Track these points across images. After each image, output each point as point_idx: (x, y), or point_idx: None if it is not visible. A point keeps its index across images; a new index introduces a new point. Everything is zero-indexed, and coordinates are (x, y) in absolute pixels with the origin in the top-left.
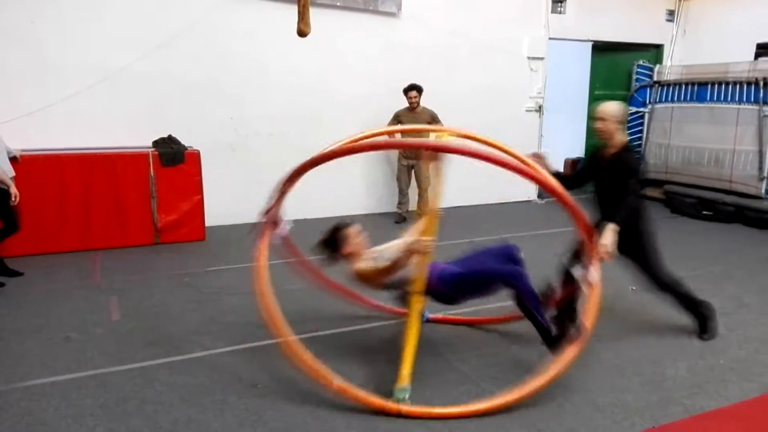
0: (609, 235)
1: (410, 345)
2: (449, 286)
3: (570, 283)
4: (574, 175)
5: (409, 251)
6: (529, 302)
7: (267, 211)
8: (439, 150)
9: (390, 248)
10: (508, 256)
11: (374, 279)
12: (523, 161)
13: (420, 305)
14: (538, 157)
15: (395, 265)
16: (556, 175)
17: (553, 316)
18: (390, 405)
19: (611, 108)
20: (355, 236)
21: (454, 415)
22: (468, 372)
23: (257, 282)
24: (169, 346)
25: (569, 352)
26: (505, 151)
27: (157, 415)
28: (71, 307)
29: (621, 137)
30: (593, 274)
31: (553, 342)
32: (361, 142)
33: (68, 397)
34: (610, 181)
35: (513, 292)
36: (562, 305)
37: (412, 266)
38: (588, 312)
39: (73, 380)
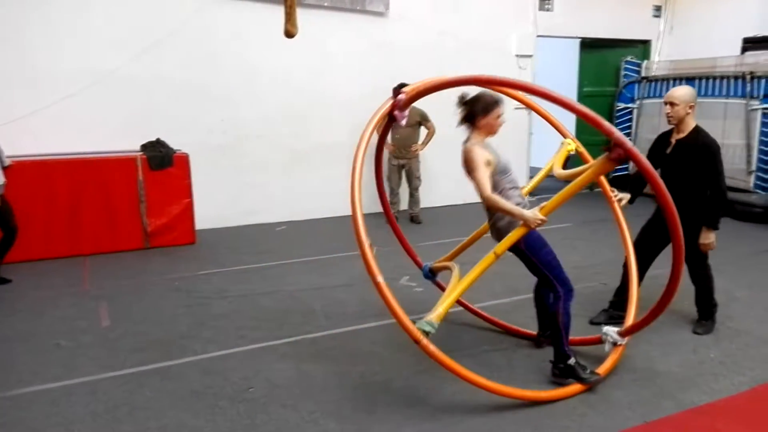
0: (709, 235)
1: (468, 279)
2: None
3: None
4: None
5: (516, 215)
6: (560, 319)
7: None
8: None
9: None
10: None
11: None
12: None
13: (494, 256)
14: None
15: (494, 205)
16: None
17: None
18: (414, 331)
19: (682, 92)
20: (497, 108)
21: (462, 375)
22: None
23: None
24: (159, 351)
25: (578, 388)
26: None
27: (148, 422)
28: (60, 313)
29: (691, 122)
30: (621, 339)
31: (564, 371)
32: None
33: (58, 405)
34: (679, 168)
35: (552, 301)
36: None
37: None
38: (606, 364)
39: (63, 387)
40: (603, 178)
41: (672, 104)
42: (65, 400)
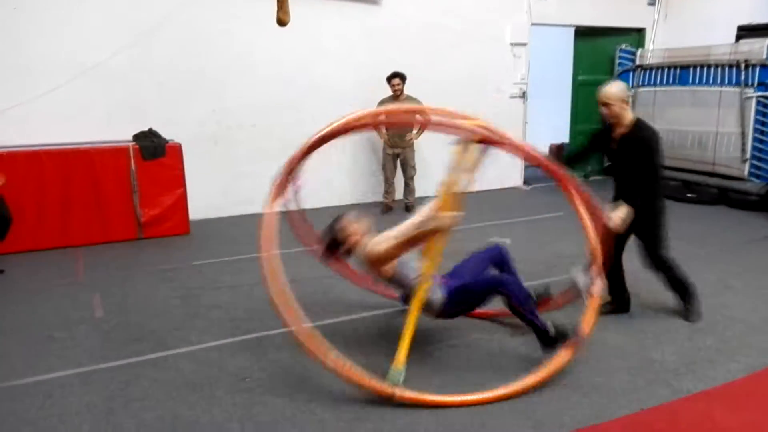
0: (623, 211)
1: (408, 330)
2: (450, 305)
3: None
4: (576, 154)
5: (430, 229)
6: (521, 306)
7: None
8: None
9: (405, 225)
10: (496, 259)
11: (386, 259)
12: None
13: (422, 298)
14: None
15: (412, 239)
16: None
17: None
18: (384, 388)
19: (613, 90)
20: (352, 224)
21: (446, 404)
22: (450, 361)
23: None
24: (154, 342)
25: (566, 355)
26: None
27: (143, 412)
28: (54, 304)
29: (629, 116)
30: (596, 285)
31: (550, 342)
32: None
33: (52, 397)
34: (625, 162)
35: (507, 303)
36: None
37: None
38: (587, 319)
39: (57, 379)
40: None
41: (606, 104)
42: (59, 392)
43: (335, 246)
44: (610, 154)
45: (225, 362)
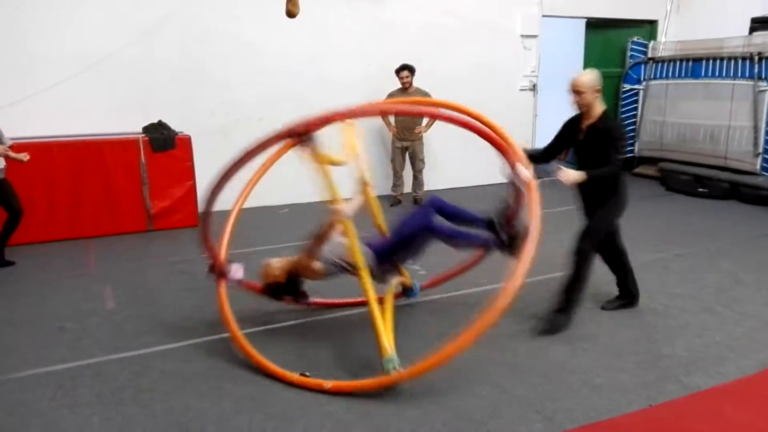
0: (576, 174)
1: (376, 318)
2: (385, 257)
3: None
4: (545, 149)
5: (328, 223)
6: (456, 237)
7: (211, 267)
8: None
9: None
10: (437, 209)
11: (307, 265)
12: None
13: (369, 281)
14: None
15: (318, 238)
16: (530, 155)
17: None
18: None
19: (586, 79)
20: (270, 269)
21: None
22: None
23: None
24: (164, 333)
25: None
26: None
27: (153, 404)
28: (65, 296)
29: (599, 107)
30: (522, 171)
31: (507, 246)
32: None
33: (63, 387)
34: (591, 152)
35: (440, 238)
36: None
37: (344, 246)
38: (532, 211)
39: (67, 370)
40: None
41: (578, 92)
42: (70, 383)
43: (278, 290)
44: (577, 145)
45: (234, 354)
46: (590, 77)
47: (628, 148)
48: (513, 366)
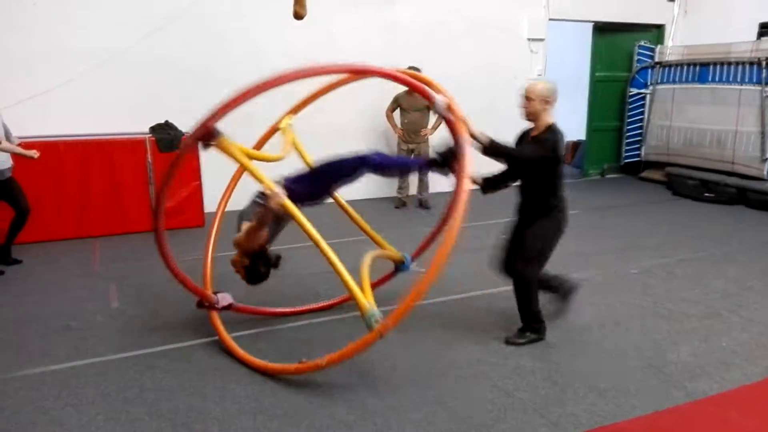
0: (483, 135)
1: (340, 270)
2: (306, 183)
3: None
4: (503, 173)
5: (264, 206)
6: (390, 167)
7: (199, 303)
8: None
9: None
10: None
11: (252, 240)
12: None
13: (302, 219)
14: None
15: (259, 222)
16: (487, 179)
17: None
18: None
19: (539, 87)
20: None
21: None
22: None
23: None
24: (168, 333)
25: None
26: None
27: (157, 403)
28: (70, 295)
29: (546, 119)
30: (438, 98)
31: (441, 165)
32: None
33: (68, 386)
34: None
35: (373, 167)
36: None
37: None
38: (457, 124)
39: (73, 368)
40: None
41: (528, 98)
42: (75, 381)
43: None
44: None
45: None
46: (544, 86)
47: (635, 152)
48: (517, 370)
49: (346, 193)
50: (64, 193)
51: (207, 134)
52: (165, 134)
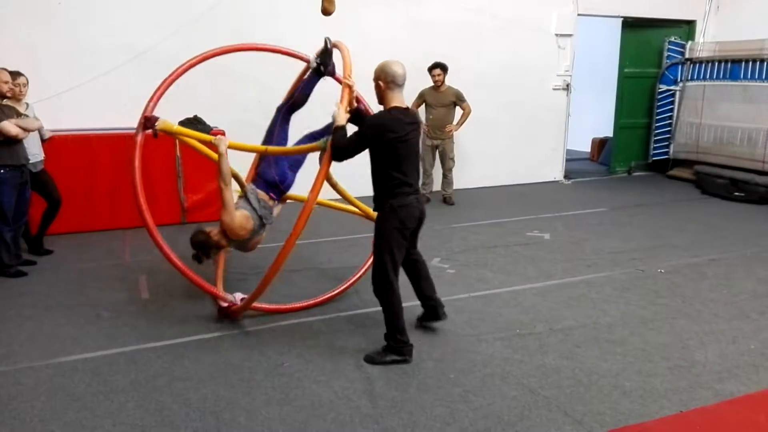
0: (343, 115)
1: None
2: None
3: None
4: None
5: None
6: (297, 98)
7: (220, 311)
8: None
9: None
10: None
11: (227, 211)
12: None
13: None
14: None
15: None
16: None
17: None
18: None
19: (378, 66)
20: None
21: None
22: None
23: None
24: (197, 324)
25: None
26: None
27: (186, 392)
28: (101, 285)
29: (389, 101)
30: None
31: (323, 68)
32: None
33: (100, 374)
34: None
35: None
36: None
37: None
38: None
39: (104, 357)
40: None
41: (374, 78)
42: (107, 369)
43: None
44: None
45: (264, 346)
46: (380, 65)
47: (663, 150)
48: (542, 368)
49: (369, 188)
50: (95, 186)
51: (147, 121)
52: (194, 128)
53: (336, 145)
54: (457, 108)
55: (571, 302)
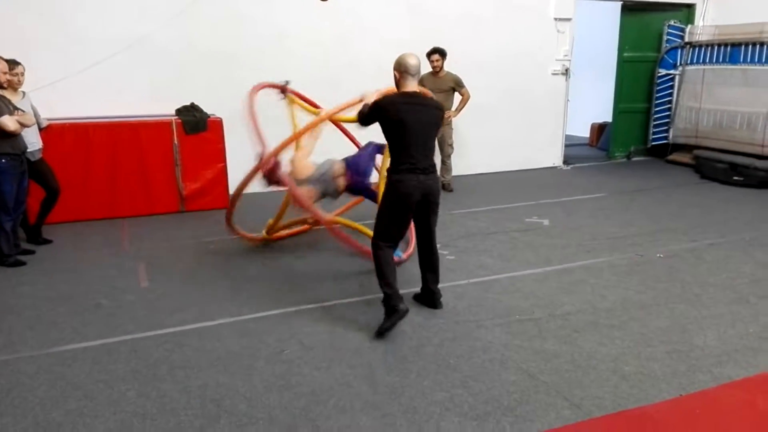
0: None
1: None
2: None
3: None
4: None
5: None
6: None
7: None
8: None
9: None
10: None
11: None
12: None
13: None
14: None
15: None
16: None
17: None
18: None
19: (396, 59)
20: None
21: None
22: None
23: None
24: (196, 312)
25: None
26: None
27: (187, 380)
28: (101, 274)
29: (402, 88)
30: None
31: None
32: None
33: (100, 362)
34: None
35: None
36: None
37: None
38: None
39: (104, 345)
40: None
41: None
42: (107, 358)
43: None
44: None
45: (265, 334)
46: (396, 59)
47: (662, 135)
48: (541, 353)
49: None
50: (93, 174)
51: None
52: (191, 116)
53: (358, 114)
54: (456, 94)
55: (570, 287)
